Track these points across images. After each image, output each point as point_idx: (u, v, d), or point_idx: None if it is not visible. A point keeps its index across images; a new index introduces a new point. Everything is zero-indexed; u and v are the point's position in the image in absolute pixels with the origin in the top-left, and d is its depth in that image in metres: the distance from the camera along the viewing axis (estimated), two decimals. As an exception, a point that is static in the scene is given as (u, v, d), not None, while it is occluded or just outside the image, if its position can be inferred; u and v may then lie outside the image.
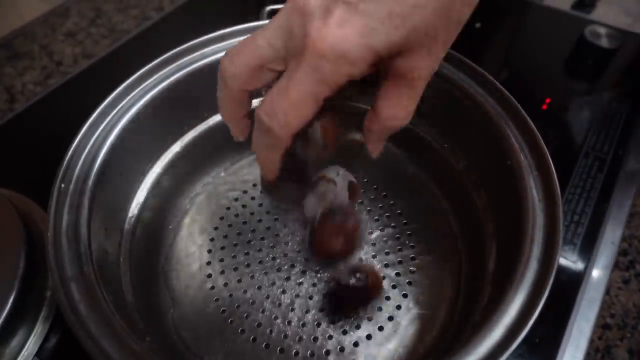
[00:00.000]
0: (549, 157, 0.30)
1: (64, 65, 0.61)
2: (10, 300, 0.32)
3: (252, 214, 0.42)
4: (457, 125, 0.39)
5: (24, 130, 0.50)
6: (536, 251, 0.27)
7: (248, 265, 0.38)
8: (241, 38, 0.40)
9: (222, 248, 0.39)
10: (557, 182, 0.29)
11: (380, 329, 0.35)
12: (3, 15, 0.65)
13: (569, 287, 0.39)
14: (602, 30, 0.55)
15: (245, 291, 0.37)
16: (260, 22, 0.41)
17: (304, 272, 0.38)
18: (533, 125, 0.32)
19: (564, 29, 0.60)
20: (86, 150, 0.32)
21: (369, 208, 0.42)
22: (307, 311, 0.36)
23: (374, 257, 0.38)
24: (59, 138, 0.34)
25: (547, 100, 0.52)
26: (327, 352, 0.34)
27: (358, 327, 0.35)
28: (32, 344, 0.34)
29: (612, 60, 0.56)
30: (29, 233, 0.35)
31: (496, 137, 0.33)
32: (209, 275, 0.38)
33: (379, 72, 0.25)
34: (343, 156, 0.45)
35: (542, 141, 0.31)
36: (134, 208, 0.37)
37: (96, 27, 0.66)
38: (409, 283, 0.37)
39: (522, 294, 0.26)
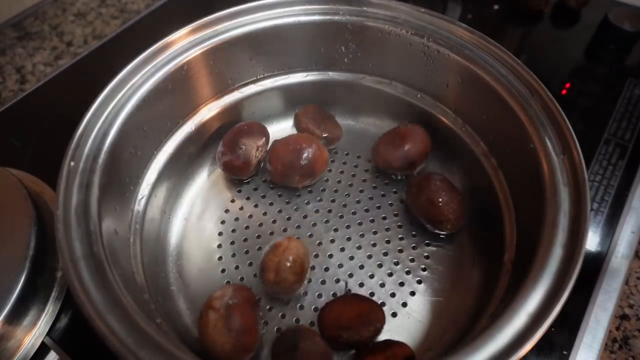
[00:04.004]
0: (576, 140, 0.29)
1: (74, 46, 0.60)
2: (22, 281, 0.32)
3: (263, 196, 0.41)
4: (477, 106, 0.37)
5: (34, 110, 0.50)
6: (561, 236, 0.26)
7: (259, 249, 0.38)
8: (256, 15, 0.39)
9: (233, 231, 0.39)
10: (584, 166, 0.28)
11: (394, 315, 0.34)
12: (13, -5, 0.64)
13: (586, 276, 0.38)
14: (627, 13, 0.53)
15: (256, 274, 0.36)
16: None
17: (316, 256, 0.37)
18: (559, 107, 0.30)
19: (587, 11, 0.58)
20: (96, 128, 0.32)
21: (382, 193, 0.41)
22: (320, 296, 0.35)
23: (387, 242, 0.38)
24: (69, 119, 0.33)
25: (567, 85, 0.51)
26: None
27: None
28: (43, 324, 0.34)
29: (636, 45, 0.54)
30: (39, 214, 0.35)
31: (518, 119, 0.32)
32: (220, 258, 0.37)
33: None
34: (357, 139, 0.44)
35: (568, 124, 0.30)
36: (144, 188, 0.36)
37: (106, 8, 0.65)
38: (423, 269, 0.36)
39: (545, 280, 0.25)
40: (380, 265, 0.37)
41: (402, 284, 0.36)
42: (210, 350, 0.29)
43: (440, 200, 0.35)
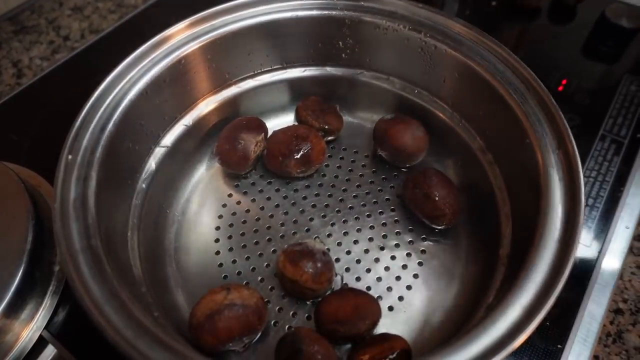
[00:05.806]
0: (571, 136, 0.29)
1: (71, 40, 0.60)
2: (19, 274, 0.32)
3: (260, 191, 0.41)
4: (474, 102, 0.37)
5: (31, 105, 0.50)
6: (556, 231, 0.26)
7: (257, 243, 0.38)
8: (253, 9, 0.39)
9: (230, 225, 0.39)
10: (579, 161, 0.28)
11: (390, 309, 0.34)
12: (9, -11, 0.64)
13: (581, 270, 0.38)
14: (624, 9, 0.53)
15: (253, 269, 0.36)
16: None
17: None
18: (555, 102, 0.31)
19: (584, 7, 0.58)
20: (94, 121, 0.32)
21: (380, 188, 0.41)
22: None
23: (384, 237, 0.38)
24: (66, 113, 0.33)
25: (564, 82, 0.51)
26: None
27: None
28: (41, 318, 0.34)
29: (633, 41, 0.54)
30: (36, 208, 0.35)
31: (514, 115, 0.32)
32: (218, 253, 0.37)
33: None
34: (355, 134, 0.44)
35: (564, 119, 0.30)
36: (141, 182, 0.36)
37: (103, 2, 0.65)
38: (420, 264, 0.37)
39: (540, 274, 0.25)
40: (377, 260, 0.37)
41: (398, 278, 0.36)
42: None
43: (437, 195, 0.36)
